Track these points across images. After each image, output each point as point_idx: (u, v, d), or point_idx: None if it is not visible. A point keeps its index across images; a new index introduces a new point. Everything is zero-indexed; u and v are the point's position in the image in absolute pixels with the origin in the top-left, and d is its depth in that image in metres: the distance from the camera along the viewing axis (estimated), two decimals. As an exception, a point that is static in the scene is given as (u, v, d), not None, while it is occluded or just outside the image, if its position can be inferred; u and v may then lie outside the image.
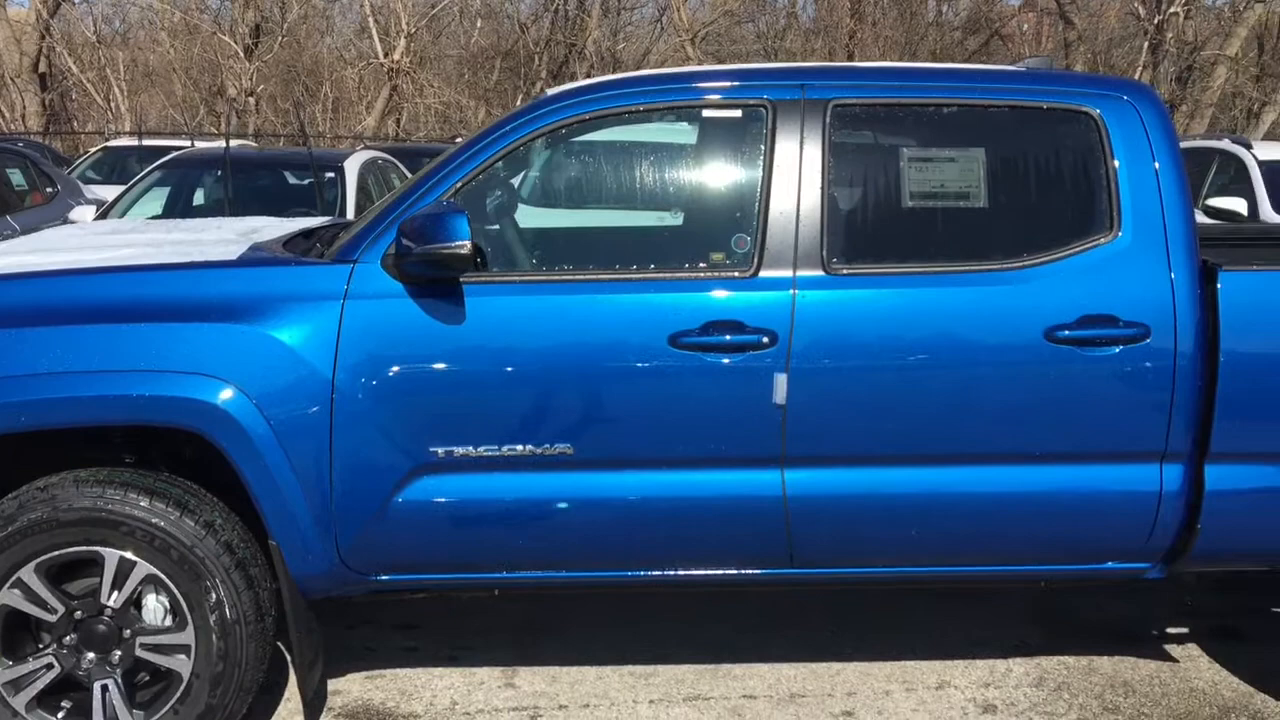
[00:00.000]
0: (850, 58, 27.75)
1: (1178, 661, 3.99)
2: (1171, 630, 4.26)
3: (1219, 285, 3.24)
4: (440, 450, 3.18)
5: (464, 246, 3.02)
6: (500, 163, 3.36)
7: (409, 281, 3.17)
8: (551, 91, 3.61)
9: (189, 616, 3.13)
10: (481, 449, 3.19)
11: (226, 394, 3.05)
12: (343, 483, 3.15)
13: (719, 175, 3.58)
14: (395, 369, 3.13)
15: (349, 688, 3.73)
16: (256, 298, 3.17)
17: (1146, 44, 24.51)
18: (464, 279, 3.19)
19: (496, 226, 3.67)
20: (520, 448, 3.20)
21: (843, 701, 3.68)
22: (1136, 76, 23.62)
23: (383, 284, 3.19)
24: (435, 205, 3.18)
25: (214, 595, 3.10)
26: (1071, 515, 3.34)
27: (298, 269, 3.29)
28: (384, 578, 3.33)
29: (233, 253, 3.46)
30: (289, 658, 3.53)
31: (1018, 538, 3.39)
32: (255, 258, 3.43)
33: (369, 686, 3.73)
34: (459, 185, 3.30)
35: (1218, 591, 4.47)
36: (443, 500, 3.22)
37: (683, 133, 3.75)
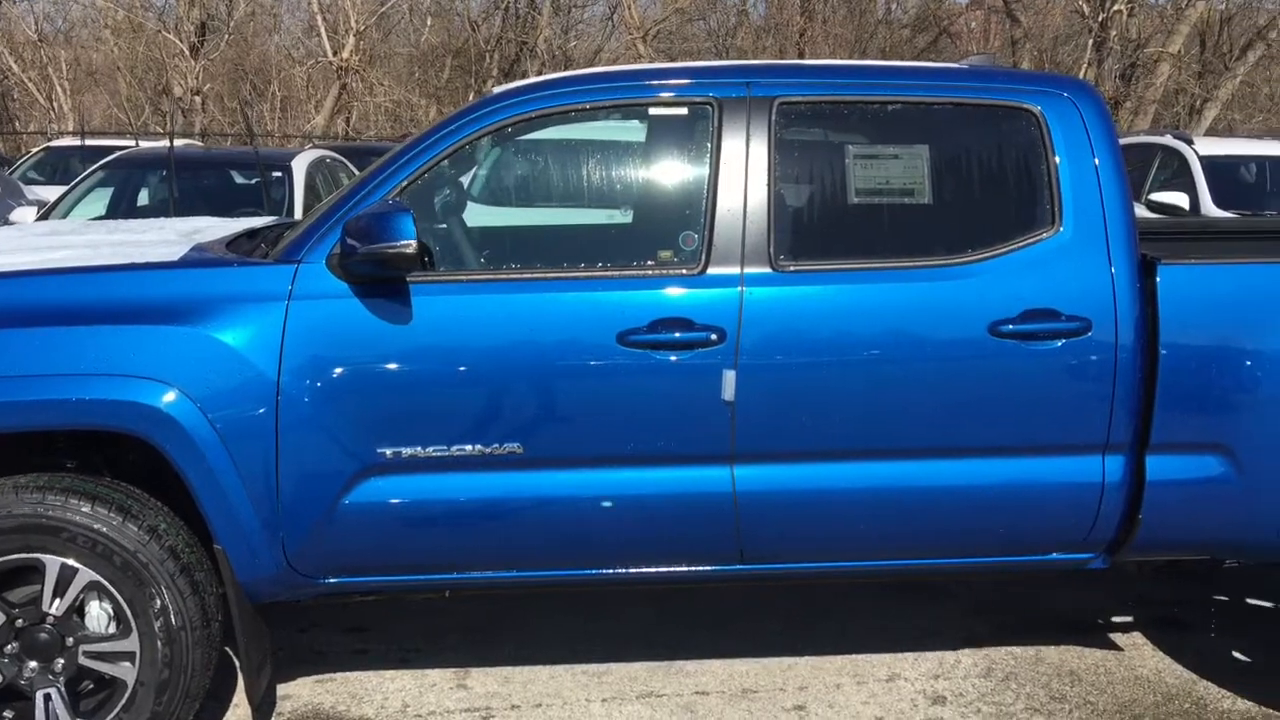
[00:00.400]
0: (800, 55, 27.89)
1: (1123, 650, 4.05)
2: (1117, 620, 4.33)
3: (1158, 279, 3.29)
4: (388, 451, 3.16)
5: (409, 246, 3.00)
6: (446, 161, 3.34)
7: (354, 281, 3.15)
8: (497, 90, 3.60)
9: (133, 623, 3.08)
10: (430, 449, 3.17)
11: (169, 397, 3.01)
12: (289, 485, 3.12)
13: (667, 173, 3.58)
14: (341, 370, 3.11)
15: (298, 692, 3.69)
16: (199, 299, 3.13)
17: (1091, 41, 24.85)
18: (410, 278, 3.17)
19: (444, 225, 3.65)
20: (469, 448, 3.19)
21: (795, 696, 3.70)
22: (1081, 74, 23.95)
23: (328, 284, 3.16)
24: (381, 204, 3.16)
25: (158, 601, 3.05)
26: (1017, 507, 3.38)
27: (241, 270, 3.25)
28: (332, 581, 3.30)
29: (175, 254, 3.41)
30: (237, 663, 3.49)
31: (965, 530, 3.42)
32: (197, 259, 3.39)
33: (319, 690, 3.70)
34: (404, 184, 3.28)
35: (1162, 581, 4.55)
36: (391, 502, 3.20)
37: (632, 131, 3.75)
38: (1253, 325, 3.30)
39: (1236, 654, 4.03)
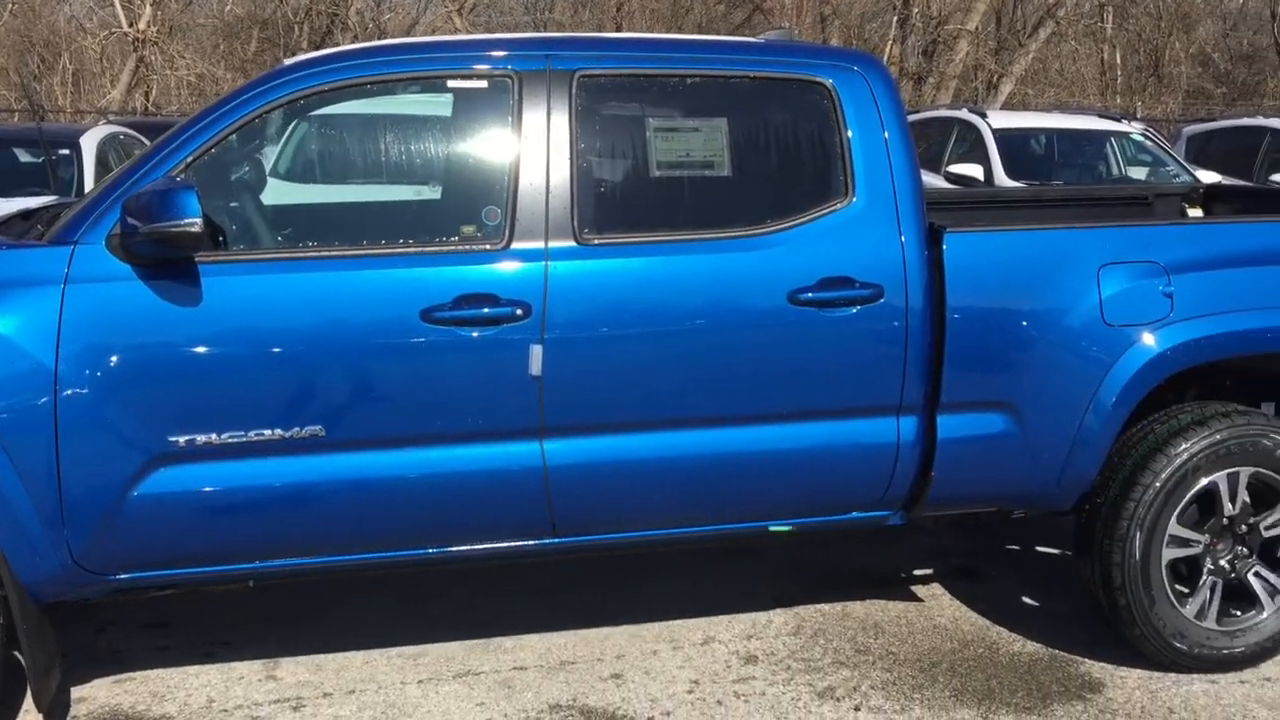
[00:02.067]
0: (618, 29, 27.94)
1: (923, 602, 4.24)
2: (919, 573, 4.53)
3: (944, 246, 3.43)
4: (180, 439, 3.04)
5: (194, 224, 2.88)
6: (235, 136, 3.21)
7: (137, 263, 3.00)
8: (288, 61, 3.48)
9: (-98, 632, 2.88)
10: (225, 436, 3.06)
11: (-67, 389, 2.81)
12: (72, 479, 2.96)
13: (470, 147, 3.53)
14: (125, 356, 2.96)
15: (95, 694, 3.52)
16: (-37, 285, 2.93)
17: (896, 19, 25.72)
18: (198, 258, 3.04)
19: (239, 203, 3.51)
20: (268, 432, 3.09)
21: (612, 665, 3.74)
22: (886, 50, 24.79)
23: (108, 266, 3.01)
24: (164, 181, 3.02)
25: (-70, 608, 2.86)
26: (818, 470, 3.50)
27: (9, 252, 3.07)
28: (125, 576, 3.16)
29: (-63, 237, 3.19)
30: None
31: (770, 494, 3.52)
32: (-38, 241, 3.17)
33: (117, 691, 3.54)
34: (190, 160, 3.14)
35: (958, 534, 4.78)
36: (186, 491, 3.08)
37: (441, 105, 3.69)
38: (1030, 288, 3.48)
39: (1026, 599, 4.28)
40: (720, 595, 4.25)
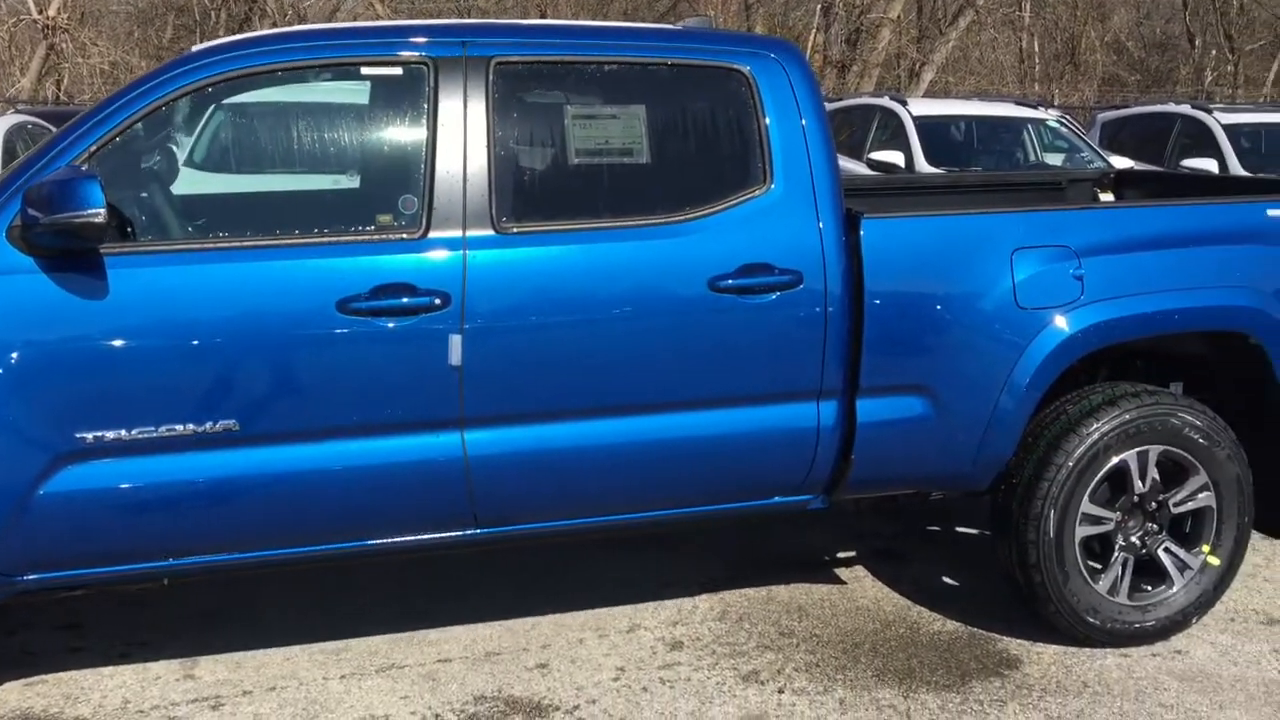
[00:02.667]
0: (543, 16, 27.78)
1: (846, 584, 4.29)
2: (842, 555, 4.58)
3: (861, 232, 3.46)
4: (88, 436, 2.97)
5: (98, 214, 2.80)
6: (140, 124, 3.13)
7: (39, 255, 2.92)
8: (196, 48, 3.41)
9: None
10: (135, 431, 3.00)
11: None
12: (-26, 479, 2.88)
13: (387, 136, 3.49)
14: (27, 351, 2.89)
15: (6, 697, 3.43)
16: None
17: (819, 7, 25.89)
18: (104, 250, 2.97)
19: (148, 193, 3.42)
20: (179, 427, 3.03)
21: (538, 654, 3.73)
22: (810, 38, 24.98)
23: (9, 258, 2.92)
24: (66, 171, 2.94)
25: None
26: (741, 455, 3.52)
27: (-95, 245, 2.95)
28: (33, 577, 3.08)
29: None
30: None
31: (694, 481, 3.53)
32: None
33: (28, 694, 3.45)
34: (94, 149, 3.06)
35: (881, 517, 4.84)
36: (95, 489, 3.01)
37: (358, 93, 3.64)
38: (946, 273, 3.53)
39: (947, 579, 4.35)
40: (646, 582, 4.26)
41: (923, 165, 9.73)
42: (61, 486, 2.96)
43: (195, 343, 3.03)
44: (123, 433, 2.99)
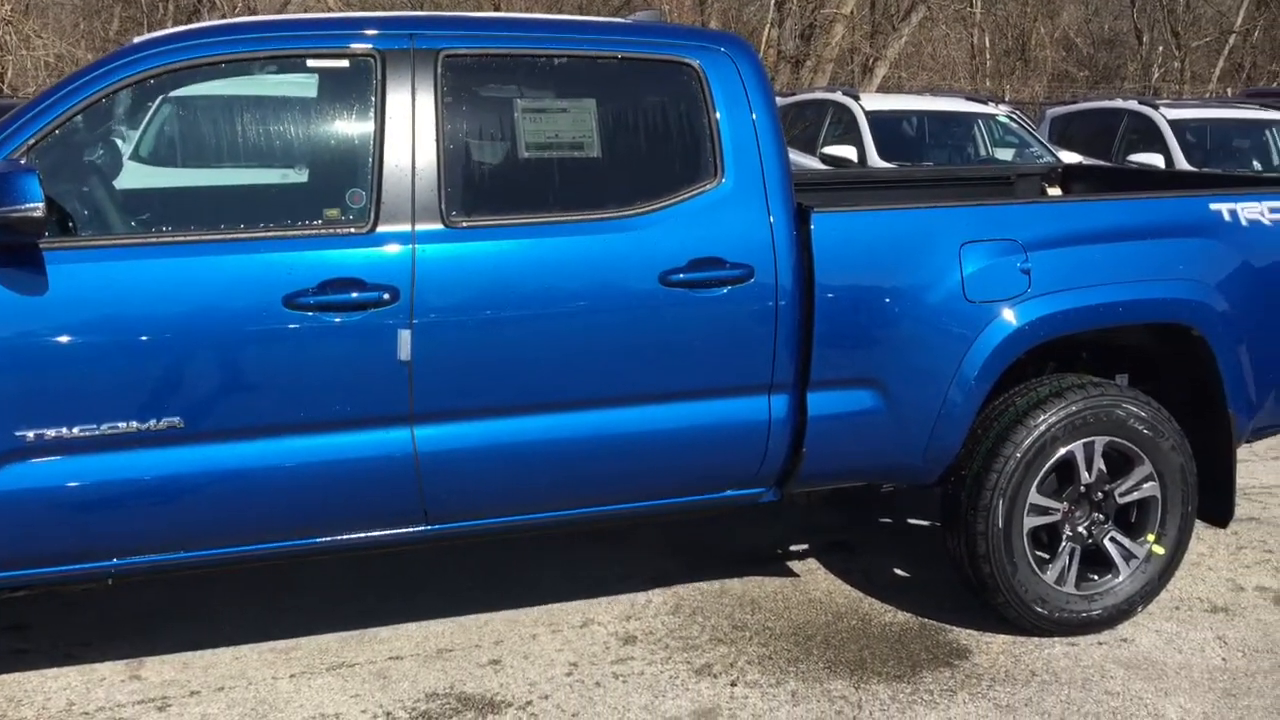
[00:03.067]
0: (496, 8, 27.65)
1: (799, 576, 4.31)
2: (794, 548, 4.60)
3: (812, 226, 3.47)
4: (29, 434, 2.92)
5: (36, 209, 2.75)
6: (81, 116, 3.08)
7: (-24, 250, 2.86)
8: (138, 39, 3.35)
9: None
10: (77, 429, 2.94)
11: None
12: (-89, 479, 2.82)
13: (334, 129, 3.45)
14: (-35, 348, 2.82)
15: (-54, 703, 3.37)
16: None
17: (774, 2, 25.97)
18: (44, 244, 2.91)
19: (90, 187, 3.36)
20: (123, 425, 2.98)
21: (490, 651, 3.72)
22: (764, 33, 25.04)
23: (-55, 254, 2.85)
24: (3, 164, 2.88)
25: None
26: (693, 449, 3.52)
27: None
28: (-27, 579, 3.02)
29: None
30: None
31: (646, 475, 3.53)
32: None
33: (-31, 699, 3.39)
34: (32, 141, 3.00)
35: (833, 509, 4.87)
36: (37, 488, 2.96)
37: (306, 86, 3.60)
38: (896, 266, 3.55)
39: (898, 570, 4.38)
40: (599, 577, 4.26)
41: (875, 160, 9.78)
42: (2, 486, 2.91)
43: (138, 339, 2.98)
44: (64, 430, 2.93)
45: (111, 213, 3.38)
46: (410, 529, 3.37)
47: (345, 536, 3.33)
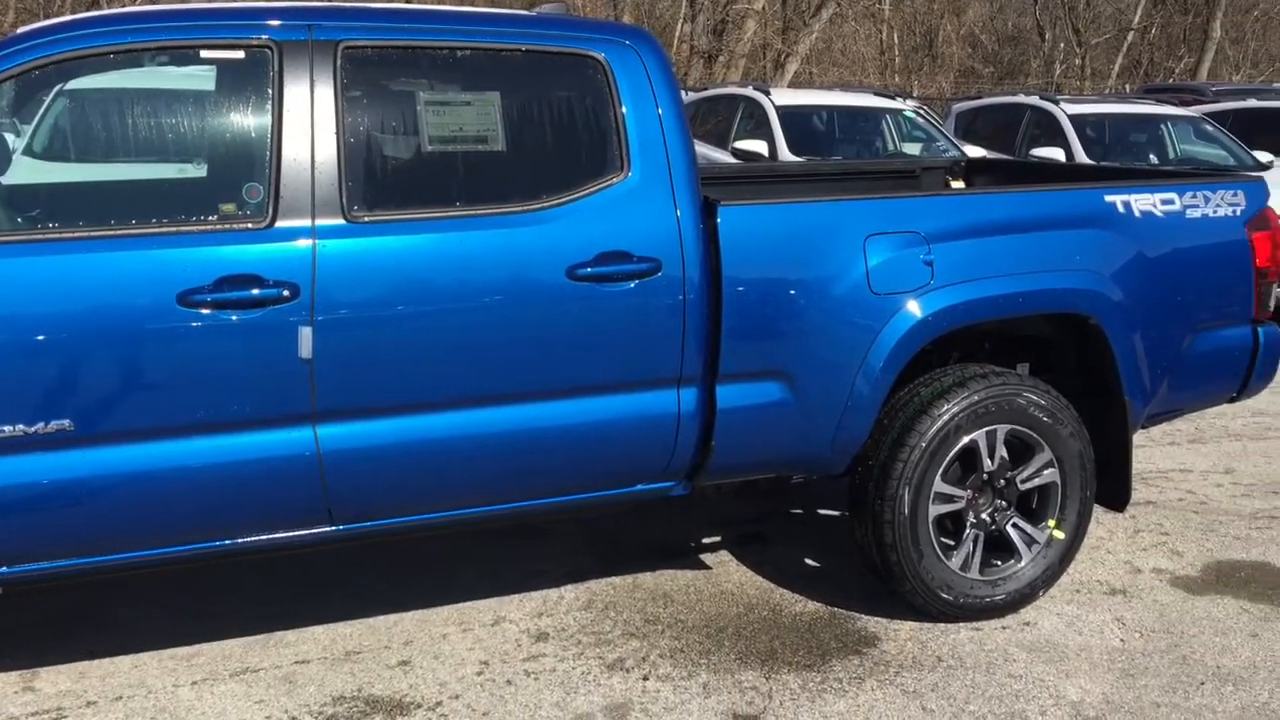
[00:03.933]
0: (411, 0, 27.32)
1: (711, 569, 4.33)
2: (707, 541, 4.62)
3: (719, 219, 3.48)
4: (-92, 439, 2.79)
5: (-88, 205, 2.64)
6: (-43, 110, 2.96)
7: None
8: (21, 30, 3.23)
9: None
10: (-41, 433, 2.83)
11: None
12: None
13: (231, 122, 3.35)
14: None
15: None
16: None
17: (686, -3, 26.07)
18: (-79, 243, 2.79)
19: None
20: (8, 428, 2.88)
21: (400, 652, 3.67)
22: (677, 28, 25.11)
23: None
24: (-125, 160, 2.75)
25: None
26: (603, 444, 3.50)
27: None
28: None
29: None
30: None
31: (556, 471, 3.51)
32: None
33: None
34: (-91, 136, 2.87)
35: (746, 501, 4.90)
36: (-82, 496, 2.84)
37: (205, 78, 3.50)
38: (802, 259, 3.57)
39: (809, 561, 4.42)
40: (511, 574, 4.23)
41: (785, 154, 9.86)
42: (-122, 494, 2.79)
43: (26, 338, 2.88)
44: (-54, 436, 2.82)
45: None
46: (316, 530, 3.31)
47: (249, 539, 3.26)
